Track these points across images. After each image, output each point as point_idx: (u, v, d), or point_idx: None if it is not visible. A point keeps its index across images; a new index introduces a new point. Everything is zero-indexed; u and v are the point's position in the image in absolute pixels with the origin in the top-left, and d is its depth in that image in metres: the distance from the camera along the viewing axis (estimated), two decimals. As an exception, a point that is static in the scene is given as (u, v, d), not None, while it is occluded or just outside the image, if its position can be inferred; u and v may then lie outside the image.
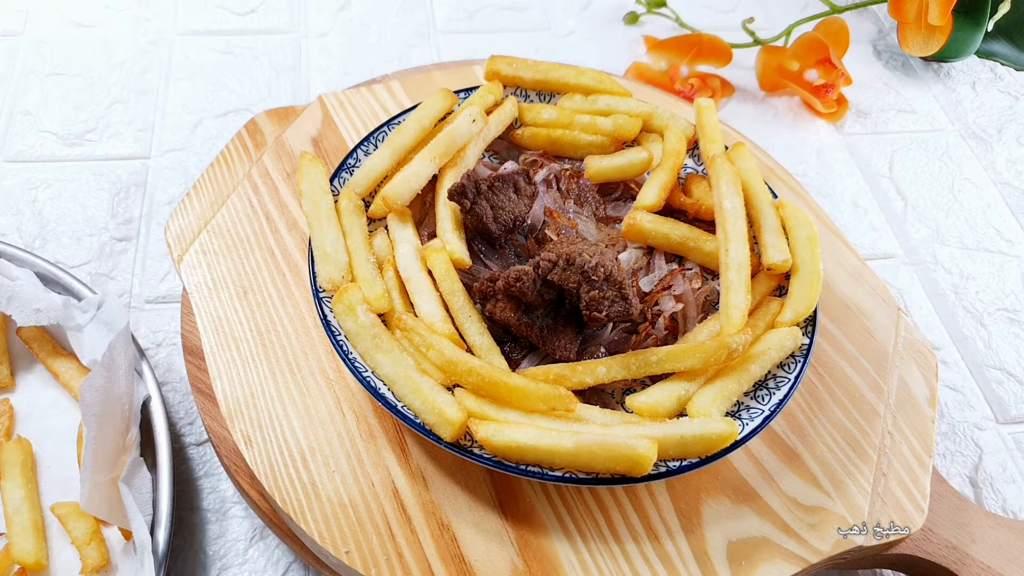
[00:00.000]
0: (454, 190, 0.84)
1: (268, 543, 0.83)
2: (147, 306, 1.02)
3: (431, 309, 0.79)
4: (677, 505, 0.76)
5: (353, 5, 1.44)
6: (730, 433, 0.71)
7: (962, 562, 0.76)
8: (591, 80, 1.00)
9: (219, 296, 0.88)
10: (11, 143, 1.17)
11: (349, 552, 0.71)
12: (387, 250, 0.86)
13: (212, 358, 0.83)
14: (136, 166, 1.16)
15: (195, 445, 0.90)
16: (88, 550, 0.75)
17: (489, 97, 0.97)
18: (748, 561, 0.72)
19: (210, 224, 0.94)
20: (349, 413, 0.80)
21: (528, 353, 0.81)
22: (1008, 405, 1.01)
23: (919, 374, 0.87)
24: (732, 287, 0.80)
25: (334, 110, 1.06)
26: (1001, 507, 0.92)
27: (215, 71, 1.30)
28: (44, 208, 1.10)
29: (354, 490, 0.74)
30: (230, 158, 1.02)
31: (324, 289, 0.81)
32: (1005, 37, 1.35)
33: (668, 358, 0.76)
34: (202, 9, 1.41)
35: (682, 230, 0.87)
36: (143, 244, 1.07)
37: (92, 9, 1.38)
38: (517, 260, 0.88)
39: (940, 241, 1.18)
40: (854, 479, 0.78)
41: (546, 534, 0.73)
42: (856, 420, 0.83)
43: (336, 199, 0.87)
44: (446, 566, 0.71)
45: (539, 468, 0.70)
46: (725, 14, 1.50)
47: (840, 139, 1.30)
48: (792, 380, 0.77)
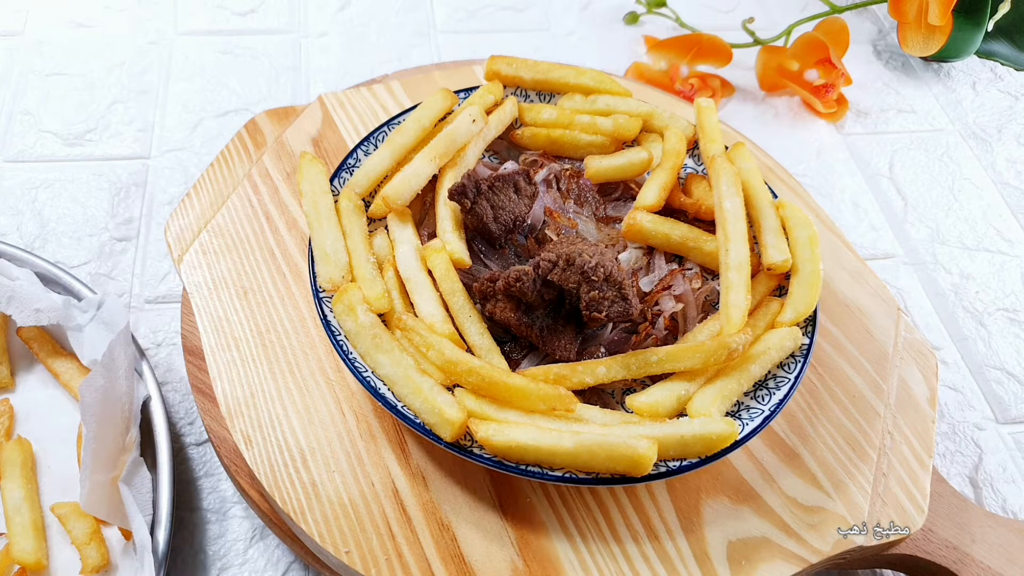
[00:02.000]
0: (454, 190, 0.84)
1: (268, 543, 0.83)
2: (147, 306, 1.02)
3: (431, 309, 0.79)
4: (677, 505, 0.76)
5: (353, 5, 1.44)
6: (730, 433, 0.71)
7: (962, 562, 0.76)
8: (591, 80, 1.00)
9: (219, 296, 0.88)
10: (11, 143, 1.17)
11: (349, 552, 0.71)
12: (387, 250, 0.86)
13: (212, 358, 0.83)
14: (136, 166, 1.16)
15: (195, 445, 0.90)
16: (88, 550, 0.75)
17: (489, 97, 0.97)
18: (748, 561, 0.72)
19: (210, 224, 0.94)
20: (349, 413, 0.80)
21: (528, 353, 0.81)
22: (1008, 405, 1.01)
23: (919, 374, 0.88)
24: (732, 287, 0.80)
25: (334, 110, 1.06)
26: (1001, 507, 0.92)
27: (215, 71, 1.30)
28: (44, 208, 1.10)
29: (354, 490, 0.74)
30: (230, 158, 1.02)
31: (324, 289, 0.81)
32: (1005, 37, 1.35)
33: (668, 358, 0.76)
34: (202, 9, 1.41)
35: (682, 230, 0.87)
36: (143, 244, 1.07)
37: (92, 9, 1.38)
38: (517, 260, 0.88)
39: (940, 241, 1.18)
40: (854, 479, 0.78)
41: (546, 534, 0.73)
42: (856, 420, 0.83)
43: (336, 199, 0.87)
44: (446, 566, 0.71)
45: (539, 468, 0.70)
46: (725, 14, 1.50)
47: (840, 139, 1.30)
48: (792, 380, 0.77)
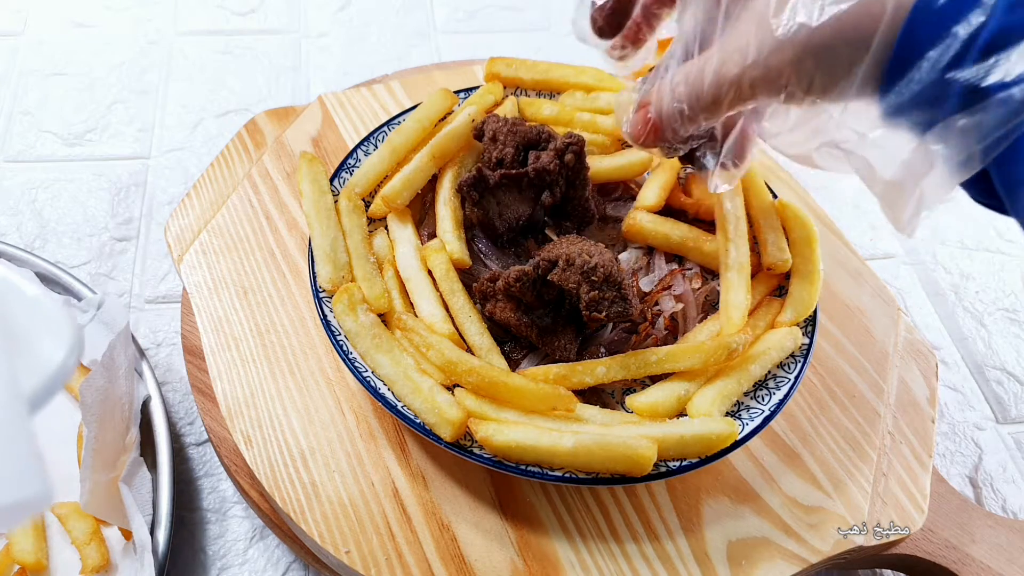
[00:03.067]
0: (465, 182, 0.84)
1: (268, 543, 0.83)
2: (147, 306, 1.02)
3: (431, 309, 0.79)
4: (677, 505, 0.76)
5: (353, 5, 1.44)
6: (730, 433, 0.71)
7: (962, 562, 0.76)
8: (591, 78, 1.00)
9: (219, 296, 0.88)
10: (11, 143, 1.17)
11: (349, 552, 0.71)
12: (387, 250, 0.86)
13: (212, 358, 0.83)
14: (136, 166, 1.16)
15: (195, 445, 0.90)
16: (88, 550, 0.75)
17: (489, 97, 0.97)
18: (748, 561, 0.72)
19: (210, 224, 0.94)
20: (349, 413, 0.80)
21: (528, 353, 0.81)
22: (1008, 405, 1.01)
23: (919, 374, 0.88)
24: (732, 287, 0.80)
25: (334, 110, 1.06)
26: (1001, 507, 0.92)
27: (215, 71, 1.30)
28: (44, 208, 1.10)
29: (354, 490, 0.74)
30: (230, 158, 1.02)
31: (324, 289, 0.81)
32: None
33: (668, 358, 0.76)
34: (202, 9, 1.41)
35: (682, 230, 0.87)
36: (143, 244, 1.07)
37: (92, 9, 1.38)
38: (517, 260, 0.88)
39: (940, 241, 1.18)
40: (854, 479, 0.78)
41: (546, 534, 0.73)
42: (856, 420, 0.83)
43: (336, 199, 0.87)
44: (446, 566, 0.71)
45: (539, 468, 0.70)
46: (725, 14, 1.50)
47: (840, 139, 1.30)
48: (792, 380, 0.77)
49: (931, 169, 0.49)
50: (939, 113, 0.47)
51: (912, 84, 0.47)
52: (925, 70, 0.47)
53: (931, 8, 0.46)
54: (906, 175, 0.51)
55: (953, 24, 0.45)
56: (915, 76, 0.47)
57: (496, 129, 0.87)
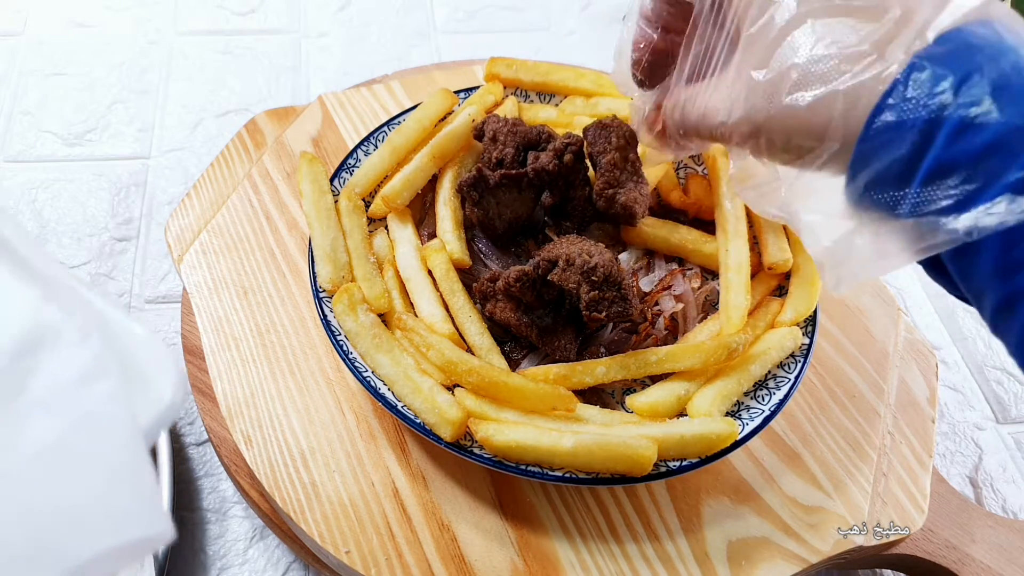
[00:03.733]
0: (465, 182, 0.84)
1: (268, 543, 0.83)
2: (147, 306, 1.02)
3: (431, 309, 0.79)
4: (677, 505, 0.76)
5: (353, 5, 1.44)
6: (730, 433, 0.71)
7: (962, 562, 0.76)
8: (591, 83, 1.00)
9: (219, 296, 0.88)
10: (11, 143, 1.17)
11: (349, 552, 0.71)
12: (387, 250, 0.86)
13: (212, 358, 0.83)
14: (136, 166, 1.16)
15: (195, 445, 0.90)
16: (88, 550, 0.75)
17: (489, 97, 0.97)
18: (748, 561, 0.72)
19: (210, 224, 0.94)
20: (349, 413, 0.80)
21: (528, 353, 0.81)
22: (1008, 405, 1.01)
23: (919, 374, 0.88)
24: (732, 287, 0.80)
25: (334, 110, 1.06)
26: (1001, 507, 0.92)
27: (215, 71, 1.31)
28: (44, 208, 1.10)
29: (354, 490, 0.74)
30: (230, 158, 1.02)
31: (324, 289, 0.81)
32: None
33: (668, 358, 0.76)
34: (202, 9, 1.41)
35: (681, 233, 0.87)
36: (143, 244, 1.08)
37: (92, 9, 1.38)
38: (517, 260, 0.88)
39: (940, 241, 1.18)
40: (854, 479, 0.78)
41: (546, 534, 0.73)
42: (856, 420, 0.83)
43: (336, 199, 0.87)
44: (446, 566, 0.71)
45: (539, 468, 0.70)
46: (725, 14, 1.50)
47: (840, 139, 1.30)
48: (792, 380, 0.77)
49: (870, 251, 0.50)
50: (892, 209, 0.48)
51: (870, 182, 0.48)
52: (877, 175, 0.47)
53: (876, 130, 0.47)
54: (845, 250, 0.52)
55: (898, 147, 0.46)
56: (868, 178, 0.48)
57: (496, 129, 0.87)
